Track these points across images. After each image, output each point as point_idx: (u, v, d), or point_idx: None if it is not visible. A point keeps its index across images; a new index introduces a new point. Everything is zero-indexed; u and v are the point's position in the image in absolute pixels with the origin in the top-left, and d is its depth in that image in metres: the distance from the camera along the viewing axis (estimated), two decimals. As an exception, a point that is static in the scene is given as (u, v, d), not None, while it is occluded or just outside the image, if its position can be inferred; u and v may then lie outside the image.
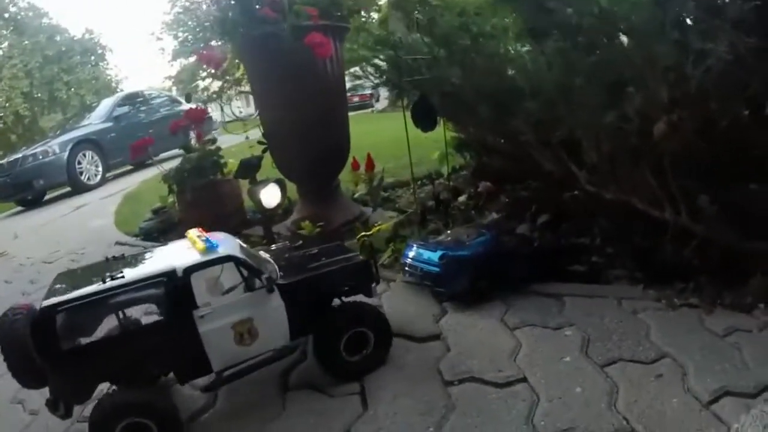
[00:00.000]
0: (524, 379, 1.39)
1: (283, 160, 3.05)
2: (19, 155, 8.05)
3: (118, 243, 3.95)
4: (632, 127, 1.35)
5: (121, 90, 18.68)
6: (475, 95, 1.86)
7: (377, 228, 2.49)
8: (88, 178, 8.10)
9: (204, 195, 3.45)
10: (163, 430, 1.27)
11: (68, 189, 8.08)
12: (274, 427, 1.38)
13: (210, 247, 1.32)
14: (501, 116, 1.80)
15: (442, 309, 1.88)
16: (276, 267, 1.48)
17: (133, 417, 1.23)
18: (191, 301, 1.28)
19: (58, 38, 19.64)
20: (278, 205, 2.93)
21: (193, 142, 4.08)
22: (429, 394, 1.39)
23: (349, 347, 1.48)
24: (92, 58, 20.75)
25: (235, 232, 3.24)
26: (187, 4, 21.65)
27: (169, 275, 1.25)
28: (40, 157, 7.69)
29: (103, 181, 8.24)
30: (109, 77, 21.53)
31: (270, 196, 2.83)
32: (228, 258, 1.32)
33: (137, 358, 1.28)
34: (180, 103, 10.26)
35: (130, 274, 1.26)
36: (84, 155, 8.05)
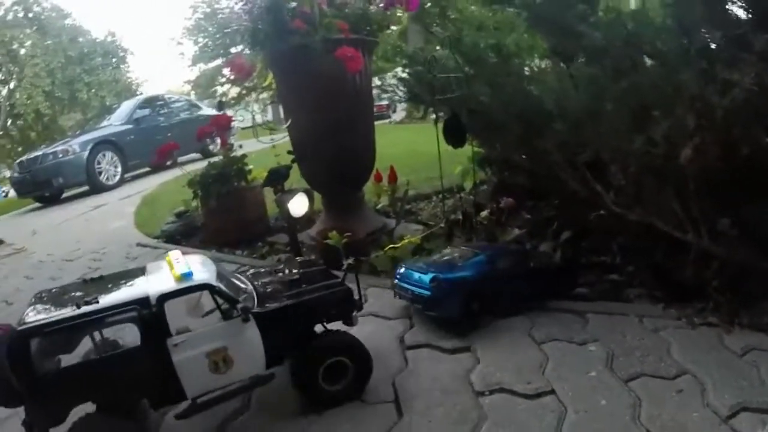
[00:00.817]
0: (552, 392, 1.47)
1: (310, 169, 3.16)
2: (39, 153, 8.27)
3: (139, 244, 4.06)
4: (659, 151, 1.43)
5: (141, 93, 19.13)
6: (503, 114, 1.95)
7: (407, 241, 2.58)
8: (107, 179, 8.29)
9: (228, 202, 3.58)
10: None
11: (86, 188, 8.28)
12: (320, 429, 1.45)
13: (185, 275, 1.32)
14: (528, 136, 1.90)
15: (470, 322, 1.94)
16: (254, 293, 1.48)
17: None
18: (165, 329, 1.29)
19: (80, 39, 20.16)
20: (305, 215, 3.04)
21: (211, 147, 4.22)
22: (461, 404, 1.46)
23: (327, 376, 1.49)
24: (113, 60, 21.29)
25: (258, 239, 3.41)
26: (208, 10, 22.11)
27: (143, 302, 1.26)
28: (60, 155, 7.89)
29: (122, 182, 8.42)
30: (129, 80, 22.08)
31: (298, 205, 2.90)
32: (203, 286, 1.33)
33: (111, 383, 1.29)
34: (199, 107, 10.51)
35: (104, 299, 1.27)
36: (103, 155, 8.25)
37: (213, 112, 7.05)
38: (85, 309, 1.23)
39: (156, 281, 1.33)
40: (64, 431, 1.26)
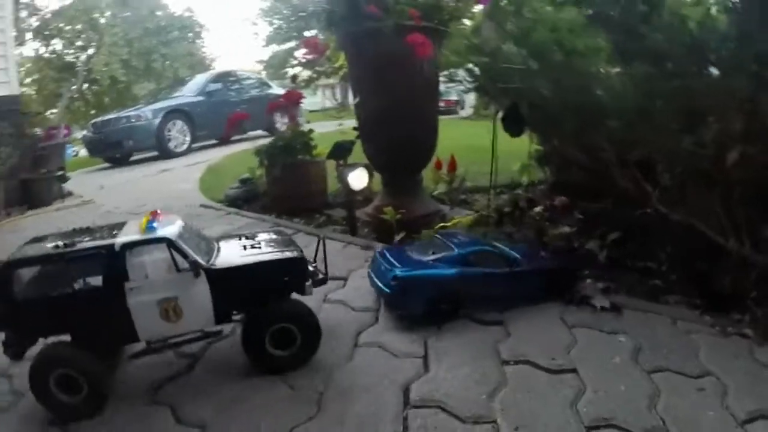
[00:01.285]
0: (574, 371, 1.59)
1: (373, 148, 3.39)
2: (113, 116, 8.98)
3: (202, 205, 4.44)
4: (706, 152, 1.52)
5: (214, 68, 20.15)
6: (561, 109, 2.07)
7: (456, 221, 2.75)
8: (175, 146, 8.87)
9: (291, 172, 3.88)
10: (89, 385, 1.47)
11: (155, 154, 8.91)
12: (342, 374, 1.65)
13: (149, 228, 1.50)
14: (583, 131, 2.01)
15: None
16: (218, 254, 1.61)
17: (62, 369, 1.46)
18: (123, 274, 1.45)
19: (159, 13, 21.46)
20: (363, 189, 3.26)
21: (278, 126, 4.52)
22: (485, 368, 1.62)
23: (275, 342, 1.60)
24: (189, 35, 22.56)
25: (316, 211, 3.67)
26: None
27: (108, 248, 1.45)
28: (133, 120, 8.52)
29: (189, 150, 8.97)
30: (203, 55, 23.31)
31: (358, 178, 3.14)
32: (161, 239, 1.48)
33: (76, 316, 1.48)
34: (269, 86, 10.98)
35: (80, 244, 1.46)
36: (174, 124, 8.83)
37: (282, 91, 7.44)
38: (60, 250, 1.45)
39: (125, 233, 1.52)
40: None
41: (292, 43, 22.09)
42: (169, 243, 1.48)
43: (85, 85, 19.28)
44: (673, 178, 1.71)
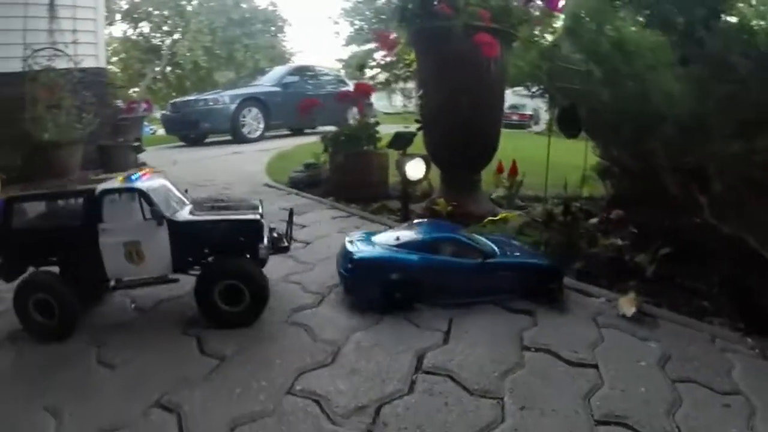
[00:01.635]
0: (595, 366, 1.61)
1: (434, 144, 3.52)
2: (192, 97, 9.60)
3: (266, 185, 4.72)
4: (759, 159, 1.50)
5: (294, 62, 21.01)
6: (619, 114, 2.09)
7: (504, 215, 2.81)
8: (249, 132, 9.35)
9: (354, 161, 4.07)
10: (61, 311, 1.69)
11: (228, 138, 9.45)
12: (366, 335, 1.77)
13: (128, 180, 1.73)
14: (639, 136, 2.02)
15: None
16: (190, 211, 1.81)
17: (41, 294, 1.68)
18: (99, 215, 1.67)
19: (243, 5, 22.66)
20: (420, 180, 3.38)
21: (351, 122, 4.76)
22: (505, 350, 1.68)
23: (226, 298, 1.73)
24: (272, 28, 23.70)
25: (375, 201, 3.81)
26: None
27: (90, 193, 1.68)
28: (211, 103, 9.07)
29: (261, 137, 9.41)
30: (284, 48, 24.36)
31: (415, 168, 3.25)
32: (134, 189, 1.68)
33: (58, 248, 1.73)
34: (346, 84, 11.36)
35: (71, 188, 1.78)
36: (249, 111, 9.31)
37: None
38: (51, 191, 1.83)
39: (109, 183, 1.75)
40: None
41: (371, 45, 22.71)
42: (140, 193, 1.69)
43: (168, 68, 20.70)
44: (725, 186, 1.70)
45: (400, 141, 3.45)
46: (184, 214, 1.79)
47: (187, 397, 1.40)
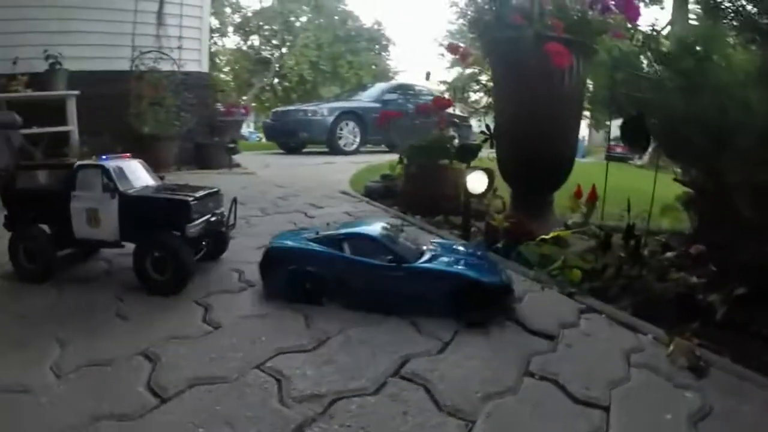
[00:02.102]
0: (606, 408, 1.37)
1: (504, 159, 3.37)
2: (293, 108, 10.17)
3: (341, 192, 4.84)
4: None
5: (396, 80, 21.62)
6: (692, 125, 1.88)
7: (556, 233, 2.62)
8: (345, 145, 9.69)
9: (427, 173, 4.04)
10: (41, 259, 2.10)
11: (326, 149, 9.87)
12: (359, 332, 1.70)
13: (99, 159, 2.07)
14: (714, 149, 1.80)
15: (578, 314, 1.95)
16: (136, 188, 2.09)
17: (28, 243, 2.11)
18: (73, 185, 2.03)
19: (349, 23, 23.75)
20: (482, 194, 3.27)
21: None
22: (502, 371, 1.50)
23: (156, 267, 1.97)
24: (376, 47, 24.64)
25: (443, 214, 3.74)
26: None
27: (70, 166, 2.09)
28: (310, 114, 9.54)
29: (357, 151, 9.72)
30: (387, 67, 25.12)
31: (477, 181, 3.15)
32: (98, 166, 2.02)
33: (44, 208, 2.13)
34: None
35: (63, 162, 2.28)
36: (346, 124, 9.66)
37: (457, 112, 7.73)
38: (45, 162, 2.37)
39: (85, 161, 2.12)
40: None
41: (474, 69, 22.69)
42: (103, 170, 2.02)
43: (276, 80, 22.14)
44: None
45: (465, 153, 3.37)
46: (134, 191, 2.08)
47: (169, 351, 1.54)
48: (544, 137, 3.08)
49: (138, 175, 2.15)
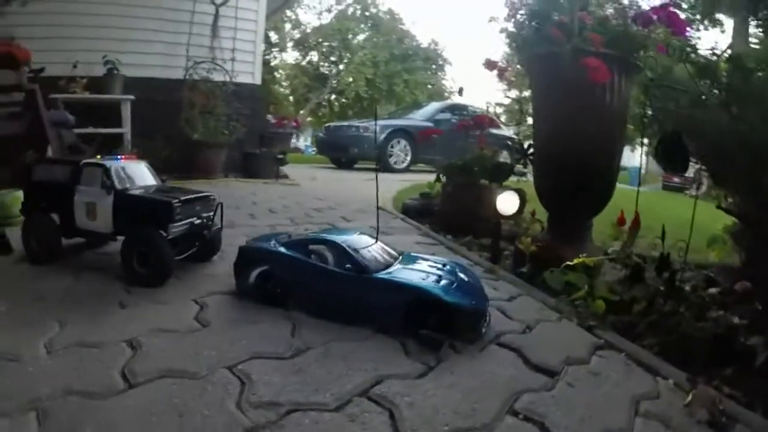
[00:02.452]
0: None
1: (542, 180, 3.22)
2: (345, 123, 10.30)
3: (378, 207, 4.78)
4: None
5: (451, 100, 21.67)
6: (737, 142, 1.71)
7: (581, 260, 2.44)
8: (395, 162, 9.69)
9: (464, 193, 3.91)
10: (48, 244, 2.32)
11: (375, 166, 9.92)
12: (344, 346, 1.59)
13: (102, 158, 2.26)
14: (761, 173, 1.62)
15: (592, 350, 1.77)
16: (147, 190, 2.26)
17: (38, 229, 2.32)
18: (78, 180, 2.21)
19: (406, 42, 23.93)
20: (513, 215, 3.12)
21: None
22: (483, 406, 1.34)
23: (140, 262, 2.07)
24: (433, 66, 24.76)
25: (477, 234, 3.63)
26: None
27: (76, 164, 2.24)
28: (361, 130, 9.61)
29: (407, 169, 9.70)
30: (443, 86, 25.15)
31: (507, 202, 2.99)
32: (100, 165, 2.19)
33: (54, 200, 2.29)
34: (499, 128, 11.24)
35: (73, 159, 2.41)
36: (398, 142, 9.67)
37: (510, 134, 7.59)
38: (55, 157, 2.57)
39: (91, 159, 2.28)
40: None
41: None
42: (104, 169, 2.18)
43: (333, 96, 22.58)
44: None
45: (498, 172, 3.24)
46: (129, 190, 2.23)
47: (152, 342, 1.58)
48: (583, 158, 2.91)
49: (140, 175, 2.33)
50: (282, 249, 1.93)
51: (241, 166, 6.40)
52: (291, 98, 21.73)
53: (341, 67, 23.09)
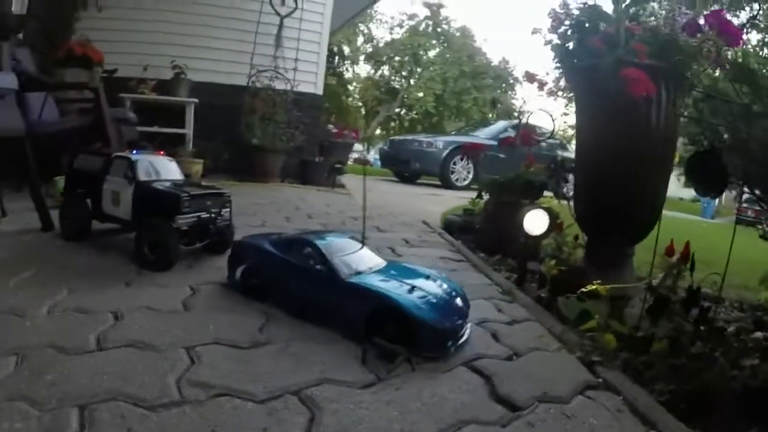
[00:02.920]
0: None
1: (579, 199, 3.03)
2: (409, 137, 10.32)
3: (423, 222, 4.76)
4: None
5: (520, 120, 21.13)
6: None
7: (593, 287, 2.24)
8: (457, 180, 9.56)
9: (504, 212, 3.73)
10: (76, 219, 2.56)
11: (437, 181, 9.83)
12: (305, 346, 1.51)
13: (131, 152, 2.42)
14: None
15: (581, 389, 1.56)
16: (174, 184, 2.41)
17: (74, 209, 2.57)
18: (108, 170, 2.41)
19: (476, 59, 23.54)
20: (542, 236, 2.94)
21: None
22: (416, 430, 1.22)
23: (150, 247, 2.21)
24: (503, 85, 24.18)
25: (500, 255, 3.48)
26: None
27: (108, 156, 2.47)
28: (424, 145, 9.58)
29: (468, 187, 9.50)
30: (513, 105, 24.65)
31: (534, 221, 2.81)
32: (127, 158, 2.36)
33: (87, 184, 2.51)
34: (566, 149, 10.83)
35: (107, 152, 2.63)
36: (461, 159, 9.55)
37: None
38: (98, 150, 2.82)
39: (122, 153, 2.49)
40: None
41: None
42: (129, 162, 2.35)
43: (403, 110, 22.66)
44: None
45: (529, 189, 3.09)
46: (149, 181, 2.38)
47: (134, 316, 1.69)
48: (626, 178, 2.69)
49: (165, 170, 2.48)
50: (267, 246, 1.95)
51: (298, 173, 6.55)
52: (362, 111, 22.11)
53: (411, 82, 23.23)
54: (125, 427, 1.08)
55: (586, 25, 2.81)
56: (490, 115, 20.79)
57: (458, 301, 1.80)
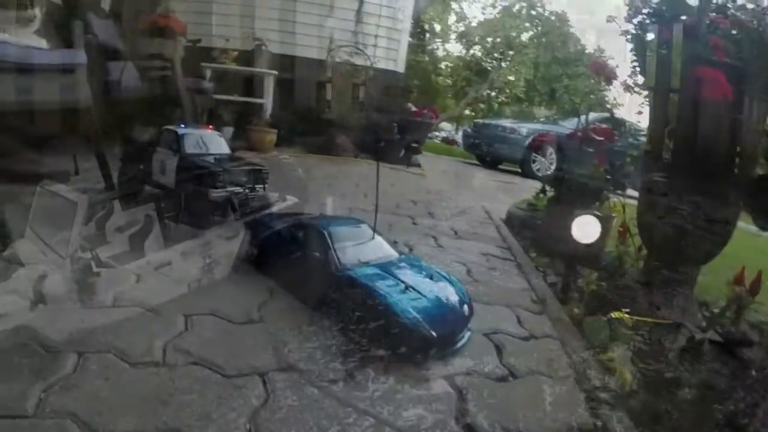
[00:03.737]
0: None
1: (642, 208, 2.80)
2: (493, 121, 9.98)
3: (486, 211, 4.70)
4: None
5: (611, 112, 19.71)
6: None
7: (620, 315, 2.07)
8: (538, 169, 9.18)
9: (565, 212, 3.58)
10: (127, 186, 2.60)
11: (518, 169, 9.50)
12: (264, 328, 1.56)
13: (178, 127, 2.54)
14: None
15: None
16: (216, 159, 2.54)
17: (126, 174, 2.64)
18: (158, 142, 2.54)
19: (571, 46, 21.98)
20: (593, 246, 2.75)
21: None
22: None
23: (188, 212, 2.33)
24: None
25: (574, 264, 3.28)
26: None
27: (161, 128, 2.60)
28: (508, 131, 9.23)
29: (549, 178, 9.20)
30: (605, 98, 22.89)
31: (584, 227, 2.60)
32: (174, 132, 2.49)
33: (142, 154, 2.62)
34: (648, 149, 10.08)
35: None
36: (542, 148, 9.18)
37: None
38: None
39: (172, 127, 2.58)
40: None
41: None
42: (176, 135, 2.49)
43: (493, 93, 21.90)
44: None
45: (577, 193, 2.87)
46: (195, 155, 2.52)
47: (146, 274, 1.83)
48: (696, 193, 2.46)
49: (213, 144, 2.64)
50: (279, 224, 2.06)
51: (373, 150, 6.58)
52: (452, 90, 21.66)
53: (503, 64, 22.37)
54: (105, 375, 1.21)
55: (667, 15, 2.57)
56: (580, 105, 19.65)
57: (459, 306, 1.73)
